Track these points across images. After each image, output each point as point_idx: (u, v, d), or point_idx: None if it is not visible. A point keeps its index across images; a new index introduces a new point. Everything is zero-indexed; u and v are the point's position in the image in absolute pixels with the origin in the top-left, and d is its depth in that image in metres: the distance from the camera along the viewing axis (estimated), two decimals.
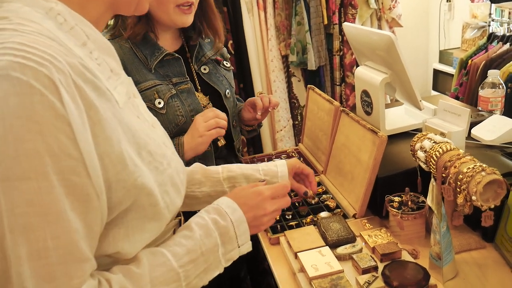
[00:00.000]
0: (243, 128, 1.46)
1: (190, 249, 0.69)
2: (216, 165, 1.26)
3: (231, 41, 2.66)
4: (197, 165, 1.03)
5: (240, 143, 1.45)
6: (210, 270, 0.72)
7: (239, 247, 0.75)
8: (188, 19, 1.22)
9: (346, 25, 1.39)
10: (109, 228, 0.61)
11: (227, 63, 1.40)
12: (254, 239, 0.82)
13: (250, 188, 0.84)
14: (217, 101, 1.32)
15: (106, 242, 0.60)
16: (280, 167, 1.07)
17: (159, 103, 1.22)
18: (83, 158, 0.53)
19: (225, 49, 1.43)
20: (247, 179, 1.02)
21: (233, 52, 2.69)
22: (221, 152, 1.36)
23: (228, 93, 1.35)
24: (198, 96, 1.29)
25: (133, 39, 1.23)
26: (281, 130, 2.78)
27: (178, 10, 1.19)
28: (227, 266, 0.75)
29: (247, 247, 0.77)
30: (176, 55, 1.27)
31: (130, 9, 0.69)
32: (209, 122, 1.19)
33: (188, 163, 1.09)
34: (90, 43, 0.61)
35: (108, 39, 1.22)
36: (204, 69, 1.33)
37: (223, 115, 1.23)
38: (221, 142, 1.32)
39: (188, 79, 1.28)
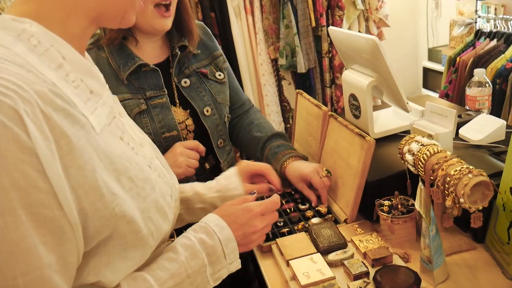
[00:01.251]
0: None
1: (174, 273, 0.68)
2: None
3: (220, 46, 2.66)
4: None
5: (229, 164, 1.36)
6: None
7: (229, 264, 0.75)
8: (166, 23, 1.16)
9: (331, 29, 1.39)
10: (90, 257, 0.59)
11: (220, 75, 1.33)
12: (243, 257, 0.81)
13: (239, 203, 0.82)
14: (197, 116, 1.27)
15: (86, 270, 0.59)
16: (230, 178, 1.03)
17: None
18: (54, 190, 0.51)
19: (221, 58, 1.36)
20: (202, 201, 0.99)
21: None
22: (207, 175, 1.29)
23: (207, 110, 1.27)
24: (176, 111, 1.24)
25: (111, 45, 1.19)
26: None
27: (157, 13, 1.13)
28: (216, 285, 0.74)
29: (236, 265, 0.76)
30: (152, 66, 1.21)
31: (115, 22, 0.67)
32: (191, 161, 1.18)
33: None
34: (66, 65, 0.59)
35: (87, 49, 1.21)
36: (185, 82, 1.26)
37: (202, 148, 1.22)
38: (208, 164, 1.29)
39: (166, 92, 1.22)
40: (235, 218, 0.78)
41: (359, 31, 2.70)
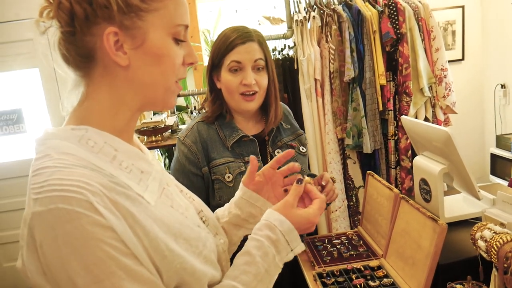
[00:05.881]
0: None
1: (256, 273, 0.81)
2: None
3: None
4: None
5: None
6: (273, 277, 0.84)
7: (292, 250, 0.87)
8: (250, 106, 1.46)
9: (404, 118, 1.51)
10: None
11: (303, 149, 1.58)
12: None
13: (301, 210, 0.90)
14: None
15: None
16: (244, 195, 1.04)
17: (228, 177, 1.44)
18: (133, 252, 0.65)
19: (303, 136, 1.63)
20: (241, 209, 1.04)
21: None
22: None
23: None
24: None
25: (209, 118, 1.51)
26: (336, 210, 2.84)
27: (242, 98, 1.45)
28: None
29: (300, 248, 0.88)
30: (251, 137, 1.49)
31: (157, 107, 0.83)
32: None
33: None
34: (119, 155, 0.74)
35: (199, 121, 1.53)
36: (278, 152, 1.52)
37: None
38: None
39: (260, 158, 1.47)
40: (299, 225, 0.88)
41: (426, 117, 2.79)
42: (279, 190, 1.06)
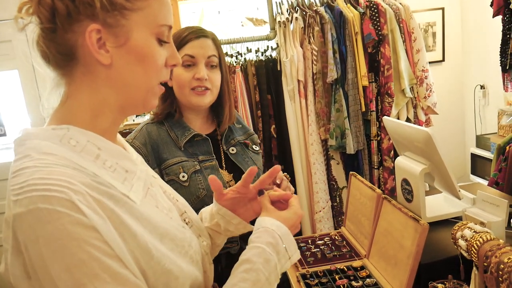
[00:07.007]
0: None
1: (255, 281, 0.76)
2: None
3: (273, 126, 2.85)
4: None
5: None
6: (272, 286, 0.80)
7: (289, 258, 0.84)
8: (201, 100, 1.42)
9: (385, 119, 1.52)
10: None
11: (256, 147, 1.57)
12: None
13: (285, 210, 0.91)
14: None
15: None
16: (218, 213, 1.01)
17: (183, 176, 1.39)
18: (117, 254, 0.62)
19: (255, 136, 1.62)
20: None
21: (275, 136, 2.86)
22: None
23: None
24: (222, 173, 1.44)
25: (159, 116, 1.46)
26: (320, 211, 2.85)
27: (193, 93, 1.41)
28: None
29: (296, 256, 0.85)
30: (204, 136, 1.46)
31: (138, 109, 0.80)
32: None
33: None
34: (103, 154, 0.72)
35: (148, 123, 1.47)
36: (232, 150, 1.51)
37: None
38: None
39: (214, 157, 1.44)
40: (293, 222, 0.88)
41: (408, 117, 2.82)
42: (259, 205, 1.00)
